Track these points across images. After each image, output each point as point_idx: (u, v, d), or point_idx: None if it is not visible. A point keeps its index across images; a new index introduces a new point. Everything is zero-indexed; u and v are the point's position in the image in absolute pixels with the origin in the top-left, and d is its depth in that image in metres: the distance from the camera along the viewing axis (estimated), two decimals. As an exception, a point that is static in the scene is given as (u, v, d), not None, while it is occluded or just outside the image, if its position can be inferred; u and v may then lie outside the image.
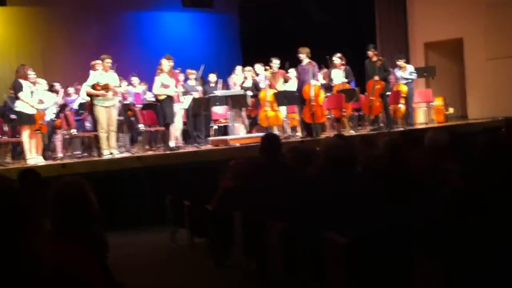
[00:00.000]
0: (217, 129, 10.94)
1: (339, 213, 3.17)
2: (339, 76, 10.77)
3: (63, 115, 9.71)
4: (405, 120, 11.23)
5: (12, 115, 9.18)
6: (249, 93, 10.74)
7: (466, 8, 12.64)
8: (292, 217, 3.59)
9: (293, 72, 10.76)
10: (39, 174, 4.71)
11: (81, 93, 10.12)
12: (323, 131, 10.46)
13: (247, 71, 11.23)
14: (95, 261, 2.19)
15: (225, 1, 15.42)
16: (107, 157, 8.45)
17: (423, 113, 12.32)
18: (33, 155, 8.34)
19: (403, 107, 11.02)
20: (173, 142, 9.49)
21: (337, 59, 10.73)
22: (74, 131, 9.71)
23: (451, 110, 12.28)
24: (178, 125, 9.95)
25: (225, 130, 10.91)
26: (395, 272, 2.79)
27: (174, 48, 12.67)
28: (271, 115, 10.20)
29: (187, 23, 15.36)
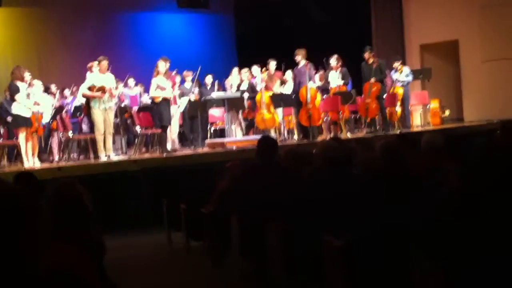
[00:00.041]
0: (213, 131, 10.94)
1: (337, 214, 3.17)
2: (335, 78, 10.78)
3: (59, 118, 9.69)
4: (402, 122, 11.23)
5: (8, 117, 9.15)
6: (245, 95, 10.73)
7: (461, 9, 12.67)
8: (289, 218, 3.59)
9: (289, 74, 10.76)
10: (36, 177, 4.69)
11: (78, 94, 10.10)
12: (319, 134, 10.46)
13: (243, 73, 11.22)
14: (91, 262, 2.19)
15: (220, 2, 15.41)
16: (104, 159, 8.44)
17: (419, 116, 12.34)
18: (29, 158, 8.32)
19: (399, 109, 11.03)
20: (169, 144, 9.47)
21: (334, 61, 10.71)
22: (70, 133, 9.69)
23: (447, 112, 12.29)
24: (174, 127, 9.94)
25: (221, 132, 10.90)
26: (394, 273, 2.79)
27: (169, 49, 12.65)
28: (267, 118, 10.18)
29: (183, 24, 15.35)
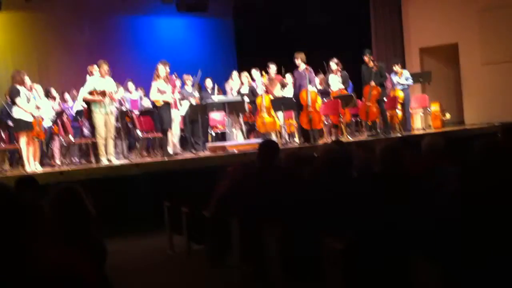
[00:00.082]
0: (214, 135, 10.95)
1: (337, 215, 3.18)
2: (336, 81, 10.79)
3: (60, 122, 9.69)
4: (402, 126, 11.24)
5: (9, 121, 9.15)
6: (246, 99, 10.73)
7: (460, 12, 12.69)
8: (289, 220, 3.60)
9: (289, 77, 10.77)
10: (37, 181, 4.70)
11: (78, 98, 10.10)
12: (320, 137, 10.47)
13: (243, 76, 11.23)
14: (92, 265, 2.21)
15: (219, 5, 15.43)
16: (105, 163, 8.44)
17: (420, 119, 12.35)
18: (31, 162, 8.32)
19: (400, 113, 11.04)
20: (170, 148, 9.47)
21: (334, 65, 10.73)
22: (71, 137, 9.69)
23: (448, 115, 12.30)
24: (175, 131, 9.94)
25: (222, 136, 10.91)
26: (394, 274, 2.80)
27: (169, 53, 12.67)
28: (268, 121, 10.18)
29: (182, 28, 15.35)
